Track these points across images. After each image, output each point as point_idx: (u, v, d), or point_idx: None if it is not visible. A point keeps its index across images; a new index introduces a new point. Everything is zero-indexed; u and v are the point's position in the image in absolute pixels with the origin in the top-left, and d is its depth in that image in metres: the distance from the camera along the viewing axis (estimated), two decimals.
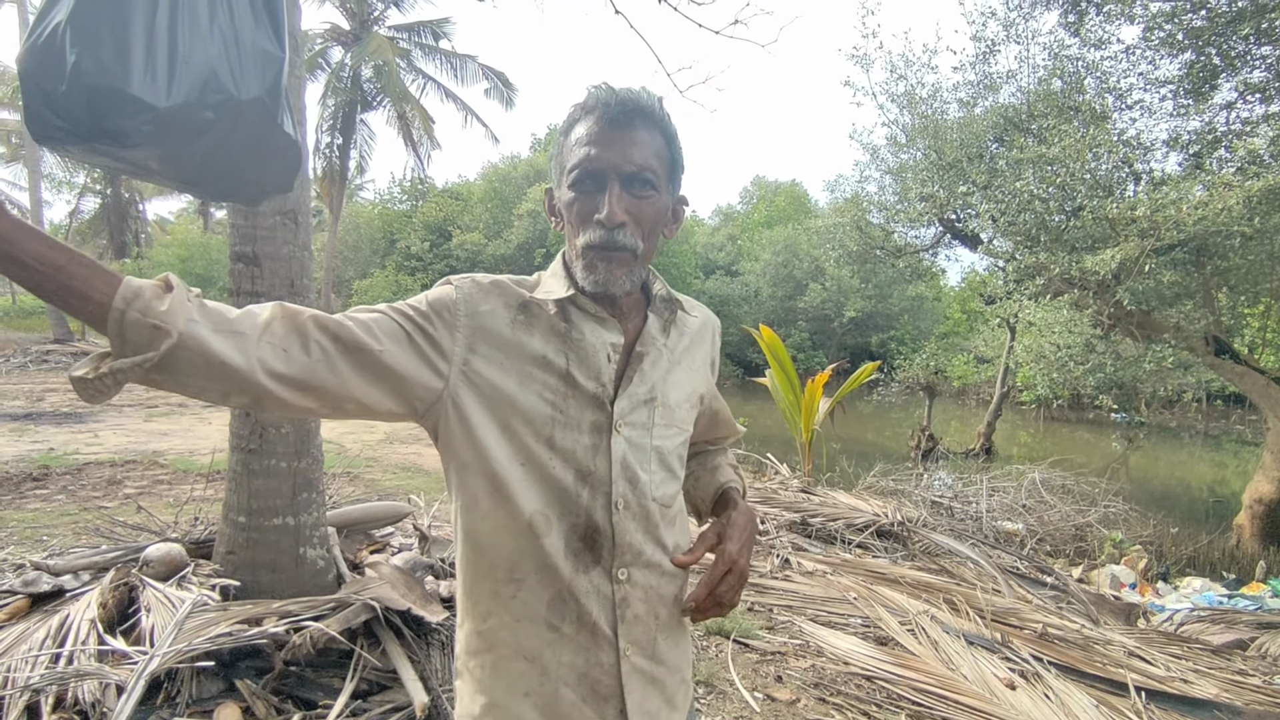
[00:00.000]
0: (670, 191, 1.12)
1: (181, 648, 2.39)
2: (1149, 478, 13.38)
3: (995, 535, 6.63)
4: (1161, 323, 8.05)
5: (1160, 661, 3.93)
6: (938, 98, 10.71)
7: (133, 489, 6.46)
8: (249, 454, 2.91)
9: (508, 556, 1.04)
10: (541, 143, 44.76)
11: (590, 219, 1.04)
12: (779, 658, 3.65)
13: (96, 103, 0.82)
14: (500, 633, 1.06)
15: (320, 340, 0.94)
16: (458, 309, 1.04)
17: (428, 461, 8.80)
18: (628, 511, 1.06)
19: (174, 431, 10.02)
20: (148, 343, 0.81)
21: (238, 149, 0.93)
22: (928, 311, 34.23)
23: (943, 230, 11.70)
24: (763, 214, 42.60)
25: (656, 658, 1.11)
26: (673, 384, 1.15)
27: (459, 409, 1.03)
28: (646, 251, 1.08)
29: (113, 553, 3.24)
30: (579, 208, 1.05)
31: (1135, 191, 8.41)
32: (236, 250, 2.87)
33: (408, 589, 2.91)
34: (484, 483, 1.04)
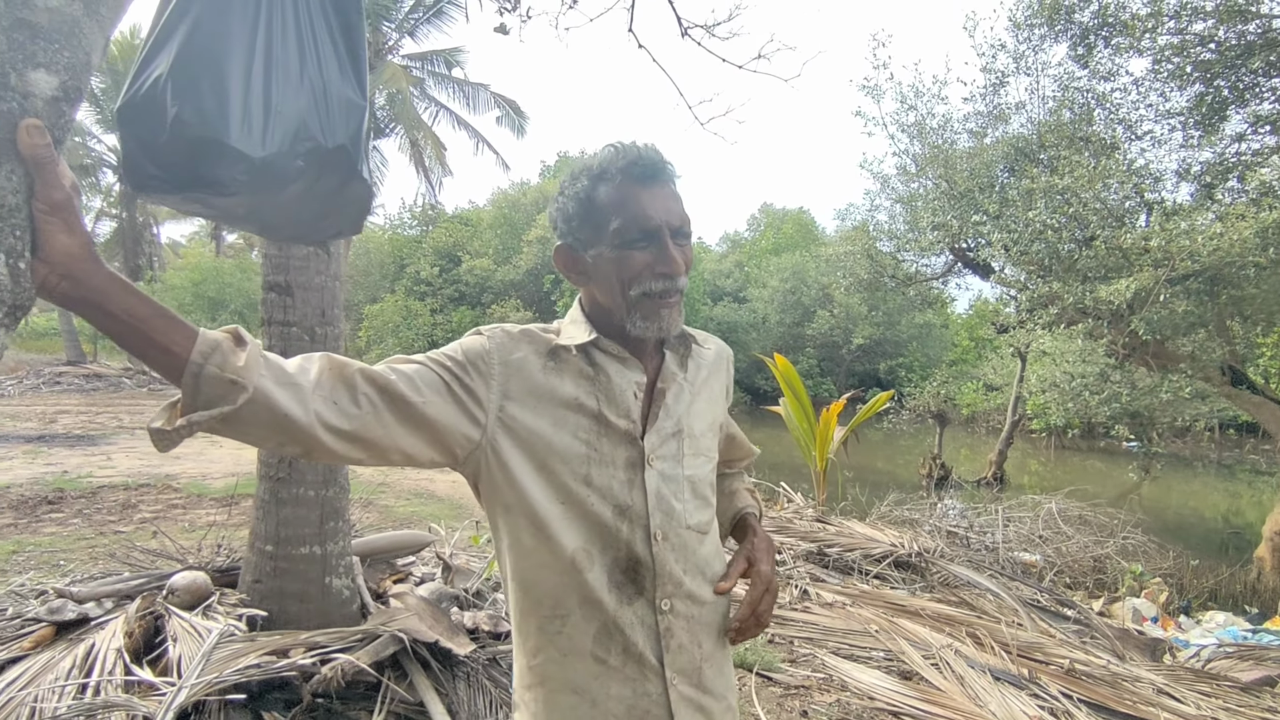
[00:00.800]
0: None
1: (210, 679, 2.38)
2: (1163, 508, 13.24)
3: (1013, 566, 6.56)
4: (1176, 352, 8.02)
5: (1190, 700, 3.86)
6: (948, 128, 10.81)
7: (147, 513, 6.46)
8: (277, 482, 2.92)
9: (552, 593, 1.08)
10: (551, 170, 45.22)
11: (648, 271, 1.09)
12: (803, 692, 3.61)
13: (196, 153, 0.84)
14: (549, 667, 1.10)
15: (368, 393, 0.96)
16: (491, 358, 1.08)
17: (439, 487, 8.79)
18: (666, 542, 1.10)
19: (185, 455, 10.03)
20: (222, 396, 0.83)
21: (321, 195, 0.95)
22: (936, 339, 34.17)
23: (954, 259, 11.74)
24: (770, 241, 42.77)
25: (703, 686, 1.13)
26: (695, 415, 1.20)
27: (497, 454, 1.07)
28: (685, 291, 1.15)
29: (136, 580, 3.24)
30: (633, 263, 1.09)
31: (1147, 221, 8.43)
32: (269, 280, 2.90)
33: (434, 620, 2.90)
34: (526, 523, 1.08)
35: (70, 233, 0.76)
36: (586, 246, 1.14)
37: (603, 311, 1.14)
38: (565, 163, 44.53)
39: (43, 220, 0.75)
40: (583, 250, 1.14)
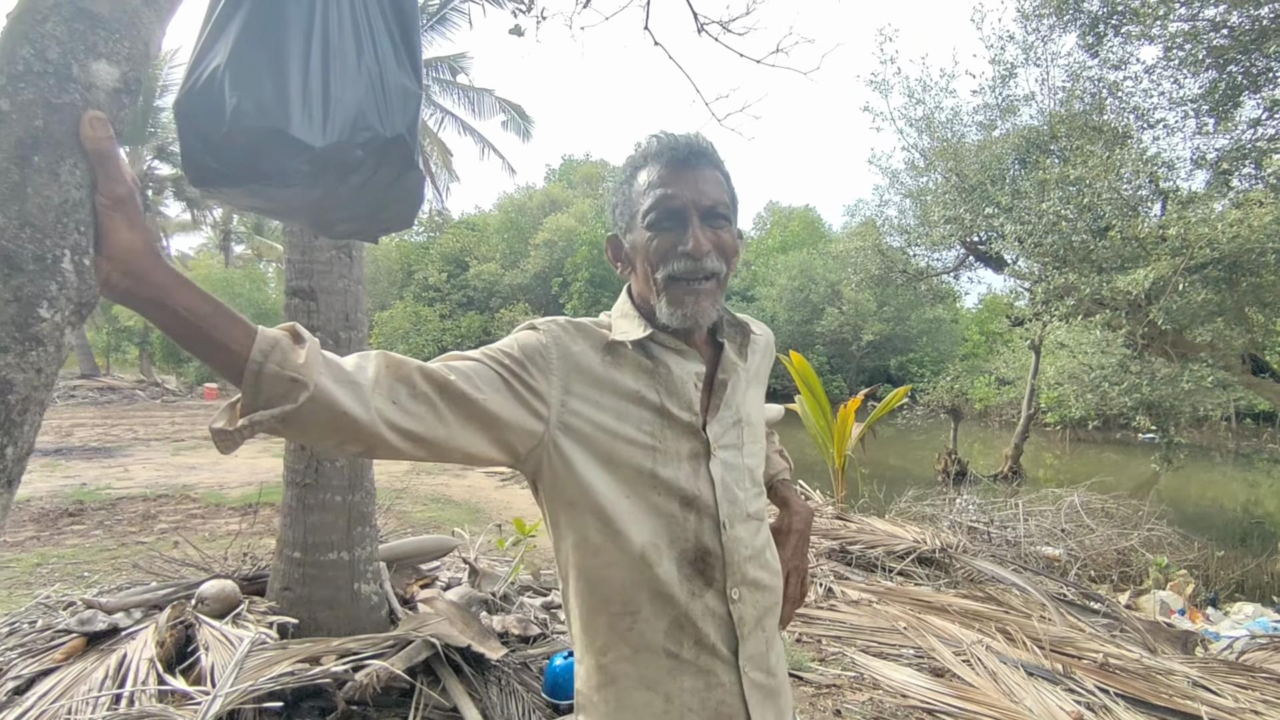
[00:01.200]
0: (735, 225, 1.17)
1: (244, 687, 2.36)
2: (1182, 499, 13.12)
3: (1036, 561, 6.50)
4: (1196, 341, 7.93)
5: (1227, 692, 3.80)
6: (957, 121, 10.75)
7: (167, 523, 6.48)
8: (304, 489, 2.90)
9: (621, 590, 1.06)
10: (556, 173, 45.31)
11: (673, 253, 1.07)
12: (835, 691, 3.57)
13: (257, 145, 0.82)
14: (620, 665, 1.08)
15: (427, 391, 0.94)
16: (549, 353, 1.06)
17: (456, 492, 8.79)
18: (733, 531, 1.09)
19: (201, 465, 10.08)
20: (283, 394, 0.81)
21: (378, 187, 0.93)
22: (946, 334, 34.04)
23: (965, 253, 11.67)
24: (777, 239, 42.73)
25: (769, 670, 1.13)
26: (751, 402, 1.21)
27: (560, 450, 1.04)
28: (725, 278, 1.13)
29: (164, 590, 3.23)
30: (659, 245, 1.08)
31: (1162, 210, 8.35)
32: (293, 285, 2.89)
33: (465, 625, 2.88)
34: (592, 520, 1.05)
35: (133, 228, 0.74)
36: (626, 233, 1.15)
37: (645, 301, 1.14)
38: (570, 166, 44.64)
39: (105, 215, 0.73)
40: (624, 238, 1.16)
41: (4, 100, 0.65)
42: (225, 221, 31.69)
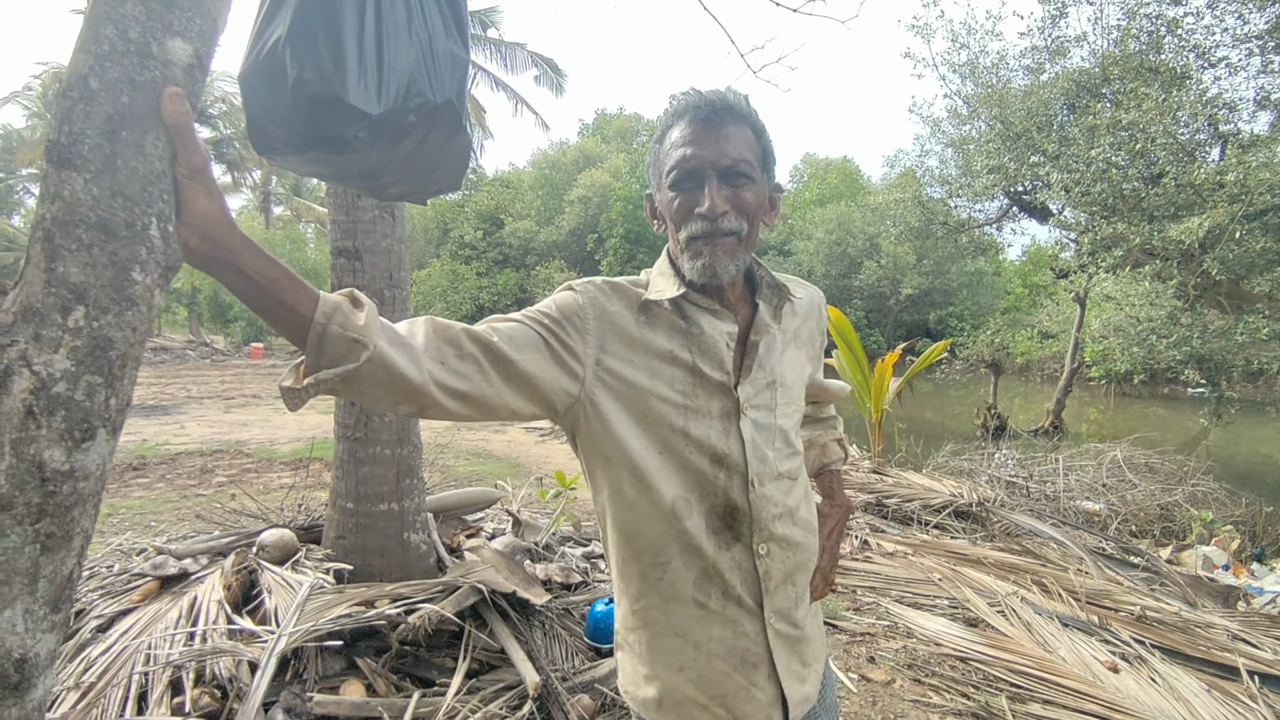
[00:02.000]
0: (765, 181, 1.17)
1: (306, 627, 2.51)
2: (1232, 455, 12.82)
3: (1075, 515, 6.46)
4: (1252, 292, 7.66)
5: (1268, 646, 3.79)
6: (1002, 66, 10.35)
7: (224, 477, 6.76)
8: (355, 442, 3.02)
9: (653, 541, 1.11)
10: (589, 128, 44.78)
11: (691, 213, 1.09)
12: (869, 638, 3.65)
13: (316, 112, 0.86)
14: (652, 612, 1.14)
15: (473, 353, 0.99)
16: (585, 313, 1.10)
17: (496, 447, 8.99)
18: (762, 489, 1.12)
19: (252, 422, 10.43)
20: (344, 354, 0.87)
21: (429, 151, 0.97)
22: (988, 287, 33.24)
23: (1008, 203, 11.35)
24: (814, 192, 41.87)
25: (797, 623, 1.17)
26: (788, 364, 1.21)
27: (595, 407, 1.09)
28: (750, 236, 1.14)
29: (227, 538, 3.41)
30: (680, 205, 1.11)
31: (1221, 155, 7.99)
32: (338, 245, 2.97)
33: (510, 572, 3.00)
34: (626, 474, 1.10)
35: (210, 196, 0.80)
36: (657, 191, 1.18)
37: (678, 258, 1.16)
38: (604, 120, 44.06)
39: (185, 184, 0.78)
40: (656, 195, 1.19)
41: (94, 79, 0.71)
42: (264, 183, 32.14)
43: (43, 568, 0.70)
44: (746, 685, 1.12)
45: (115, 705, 2.31)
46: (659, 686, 1.14)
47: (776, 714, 1.14)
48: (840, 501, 1.42)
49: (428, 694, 2.52)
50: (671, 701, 1.14)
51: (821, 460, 1.48)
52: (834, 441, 1.50)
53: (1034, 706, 3.02)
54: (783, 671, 1.14)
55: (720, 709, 1.12)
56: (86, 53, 0.71)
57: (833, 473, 1.48)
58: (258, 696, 2.26)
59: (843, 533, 1.38)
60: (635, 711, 1.20)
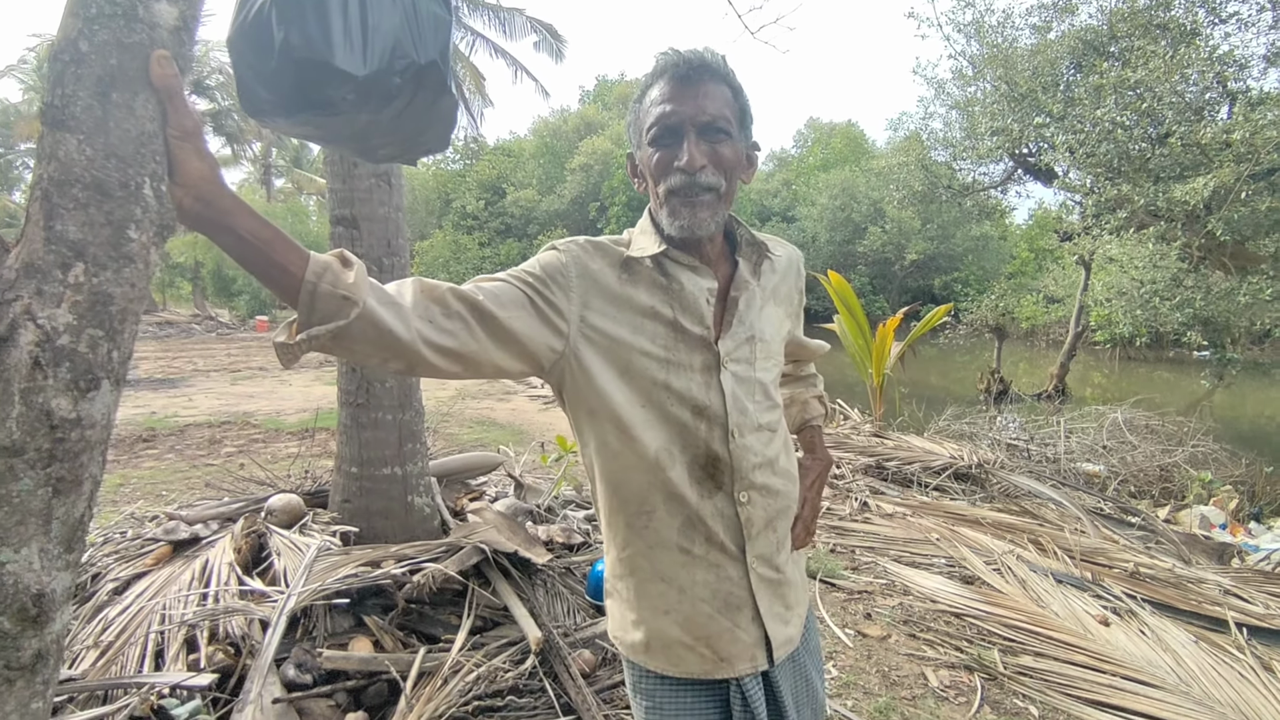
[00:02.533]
0: (743, 139, 1.19)
1: (315, 587, 2.58)
2: (1236, 417, 12.83)
3: (1075, 477, 6.51)
4: (1257, 253, 7.62)
5: (1259, 600, 3.85)
6: (1008, 25, 10.20)
7: (232, 447, 6.86)
8: (357, 408, 3.07)
9: (638, 491, 1.15)
10: (590, 95, 44.24)
11: (670, 168, 1.12)
12: (866, 596, 3.72)
13: (304, 76, 0.88)
14: (638, 559, 1.19)
15: (460, 310, 1.03)
16: (569, 271, 1.13)
17: (500, 415, 9.07)
18: (742, 439, 1.16)
19: (259, 394, 10.52)
20: (335, 311, 0.90)
21: (416, 112, 0.99)
22: (993, 251, 33.00)
23: (1014, 165, 11.25)
24: (818, 157, 41.41)
25: (778, 568, 1.22)
26: (767, 320, 1.25)
27: (580, 362, 1.12)
28: (728, 191, 1.16)
29: (236, 504, 3.48)
30: (659, 160, 1.13)
31: (1229, 113, 7.89)
32: (336, 214, 2.99)
33: (512, 533, 3.06)
34: (611, 427, 1.14)
35: (201, 158, 0.83)
36: (637, 149, 1.20)
37: (658, 215, 1.18)
38: (605, 87, 43.51)
39: (176, 146, 0.81)
40: (636, 154, 1.21)
41: (84, 42, 0.73)
42: (265, 156, 31.95)
43: (55, 510, 0.74)
44: (731, 627, 1.17)
45: (134, 662, 2.39)
46: (646, 630, 1.19)
47: (760, 654, 1.19)
48: (821, 456, 1.46)
49: (433, 650, 2.60)
50: (659, 644, 1.19)
51: (803, 416, 1.52)
52: (814, 398, 1.54)
53: (1025, 659, 3.09)
54: (765, 613, 1.19)
55: (706, 649, 1.17)
56: (75, 16, 0.73)
57: (814, 428, 1.52)
58: (269, 653, 2.33)
59: (823, 485, 1.42)
60: (625, 656, 1.26)
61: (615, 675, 2.68)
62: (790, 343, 1.38)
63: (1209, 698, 2.78)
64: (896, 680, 2.93)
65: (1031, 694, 2.85)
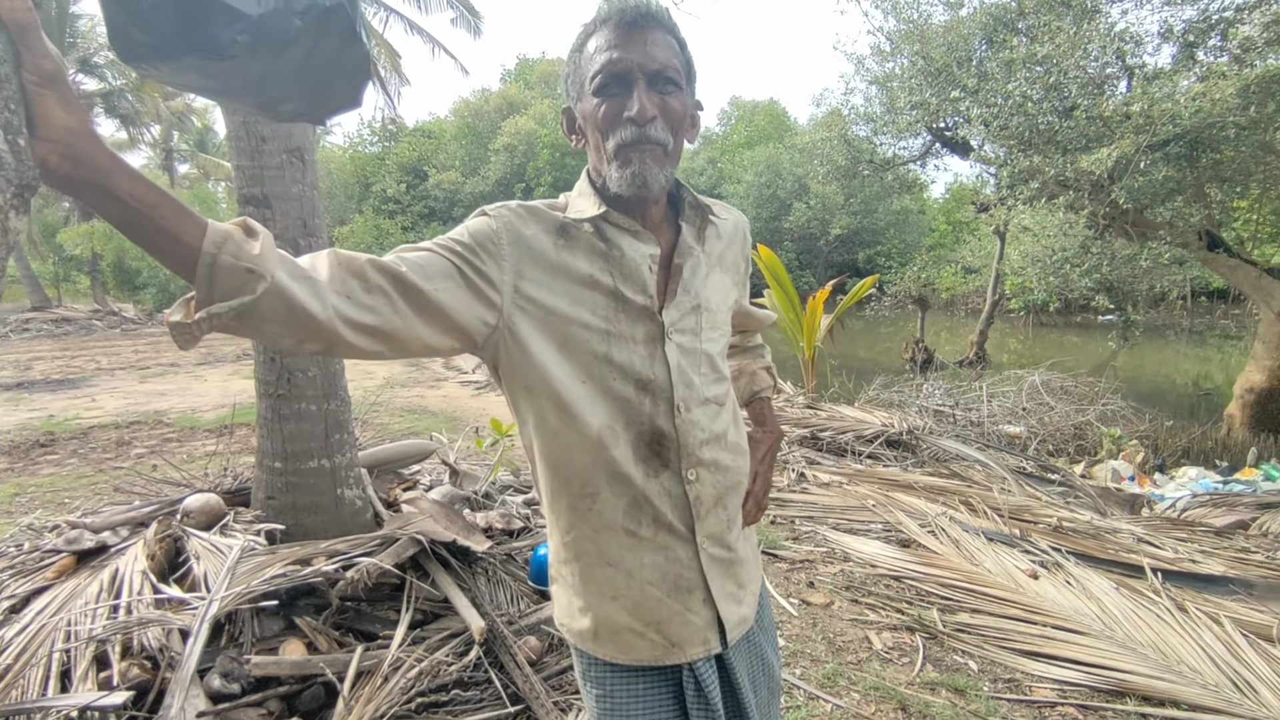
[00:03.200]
0: (689, 94, 1.12)
1: (239, 590, 2.43)
2: (1138, 375, 13.65)
3: (999, 439, 6.78)
4: (1155, 220, 8.05)
5: (1169, 545, 4.09)
6: (924, 1, 10.40)
7: (143, 449, 6.46)
8: (279, 399, 2.90)
9: (580, 472, 1.09)
10: (511, 74, 43.38)
11: (619, 119, 1.04)
12: (808, 565, 3.77)
13: (187, 13, 0.77)
14: (583, 543, 1.12)
15: (381, 284, 0.93)
16: (500, 238, 1.04)
17: (431, 402, 8.84)
18: (689, 414, 1.10)
19: (171, 391, 9.97)
20: (239, 286, 0.79)
21: (322, 61, 0.89)
22: (913, 225, 34.09)
23: (932, 139, 11.54)
24: (742, 135, 41.79)
25: (730, 546, 1.17)
26: (712, 288, 1.19)
27: (515, 336, 1.04)
28: (675, 149, 1.09)
29: (148, 507, 3.26)
30: (606, 111, 1.05)
31: (1128, 87, 8.26)
32: (245, 193, 2.79)
33: (449, 521, 2.96)
34: (549, 404, 1.07)
35: (67, 108, 0.71)
36: (577, 102, 1.12)
37: (599, 176, 1.11)
38: (527, 66, 42.73)
39: (36, 94, 0.69)
40: (575, 107, 1.13)
41: None
42: (165, 139, 30.06)
43: None
44: (681, 610, 1.12)
45: (36, 685, 2.20)
46: (593, 617, 1.14)
47: (713, 636, 1.15)
48: (771, 428, 1.41)
49: (371, 647, 2.49)
50: (607, 630, 1.13)
51: (751, 388, 1.47)
52: (762, 369, 1.49)
53: (963, 616, 3.19)
54: (717, 594, 1.14)
55: (656, 634, 1.12)
56: None
57: (763, 400, 1.47)
58: (191, 663, 2.18)
59: (774, 459, 1.38)
60: (573, 643, 1.20)
61: (563, 661, 2.62)
62: (737, 312, 1.33)
63: (1132, 640, 2.92)
64: (842, 646, 2.97)
65: (970, 649, 2.94)
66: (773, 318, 1.49)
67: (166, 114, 26.04)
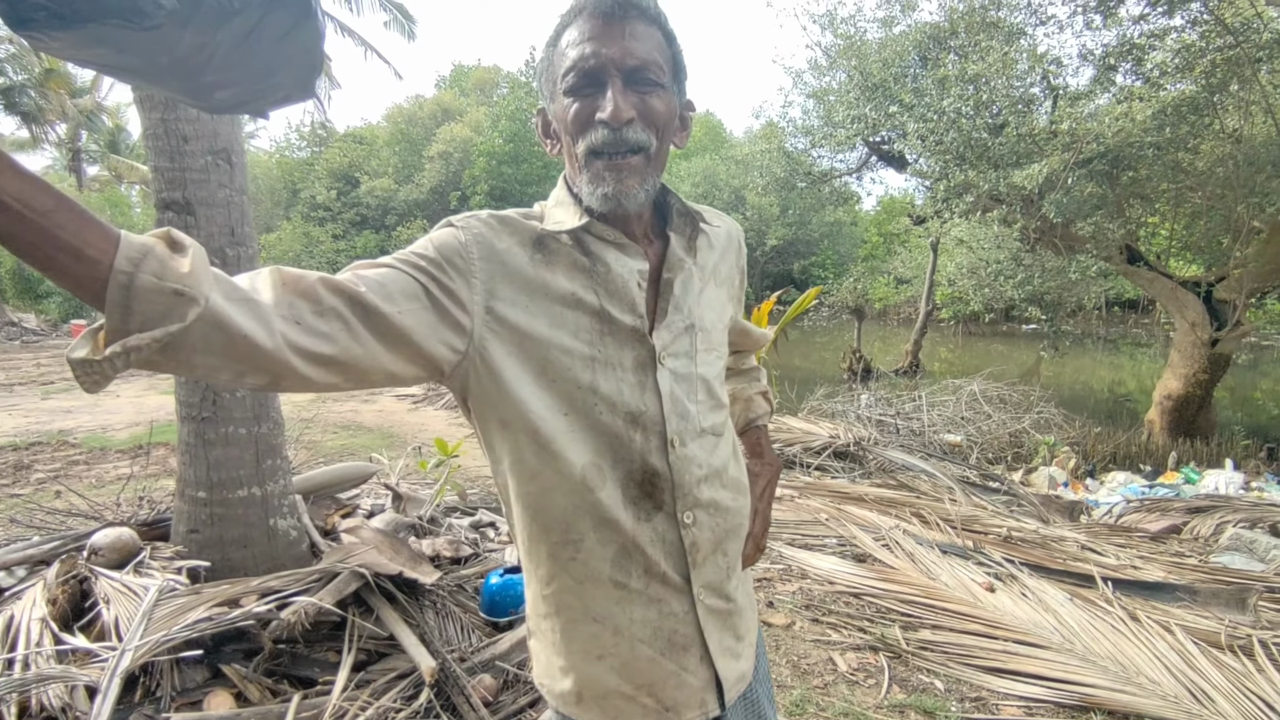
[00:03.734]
0: (677, 93, 1.01)
1: (157, 638, 2.18)
2: (1060, 382, 14.23)
3: (940, 448, 6.90)
4: (1082, 234, 8.37)
5: (1110, 552, 4.18)
6: (860, 17, 10.66)
7: (45, 473, 5.95)
8: (203, 423, 2.65)
9: (562, 516, 0.96)
10: (446, 80, 42.78)
11: (591, 121, 0.92)
12: (766, 584, 3.69)
13: None
14: (565, 595, 0.99)
15: (336, 306, 0.80)
16: (470, 253, 0.92)
17: (367, 418, 8.49)
18: (684, 449, 0.99)
19: (78, 408, 9.29)
20: (164, 313, 0.64)
21: (268, 40, 0.73)
22: (846, 236, 34.94)
23: (868, 153, 11.79)
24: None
25: (729, 596, 1.06)
26: (707, 304, 1.08)
27: (488, 363, 0.91)
28: (659, 153, 0.98)
29: (49, 543, 2.94)
30: (577, 112, 0.94)
31: (1053, 107, 8.61)
32: (165, 197, 2.54)
33: (394, 552, 2.76)
34: (527, 440, 0.94)
35: None
36: (550, 102, 0.99)
37: (575, 183, 0.99)
38: (462, 73, 42.19)
39: None
40: (549, 108, 1.00)
41: None
42: (73, 139, 28.35)
43: None
44: (677, 670, 1.00)
45: None
46: (577, 678, 1.01)
47: (711, 697, 1.03)
48: (770, 460, 1.29)
49: (310, 695, 2.27)
50: (592, 694, 1.00)
51: (746, 416, 1.35)
52: (759, 395, 1.37)
53: (925, 633, 3.15)
54: (715, 650, 1.03)
55: (649, 699, 1.00)
56: None
57: (759, 429, 1.35)
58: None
59: (774, 494, 1.27)
60: (554, 706, 1.06)
61: (520, 699, 2.45)
62: (733, 329, 1.21)
63: (1091, 652, 2.93)
64: (807, 669, 2.89)
65: (935, 668, 2.89)
66: (769, 336, 1.38)
67: (74, 111, 24.60)
